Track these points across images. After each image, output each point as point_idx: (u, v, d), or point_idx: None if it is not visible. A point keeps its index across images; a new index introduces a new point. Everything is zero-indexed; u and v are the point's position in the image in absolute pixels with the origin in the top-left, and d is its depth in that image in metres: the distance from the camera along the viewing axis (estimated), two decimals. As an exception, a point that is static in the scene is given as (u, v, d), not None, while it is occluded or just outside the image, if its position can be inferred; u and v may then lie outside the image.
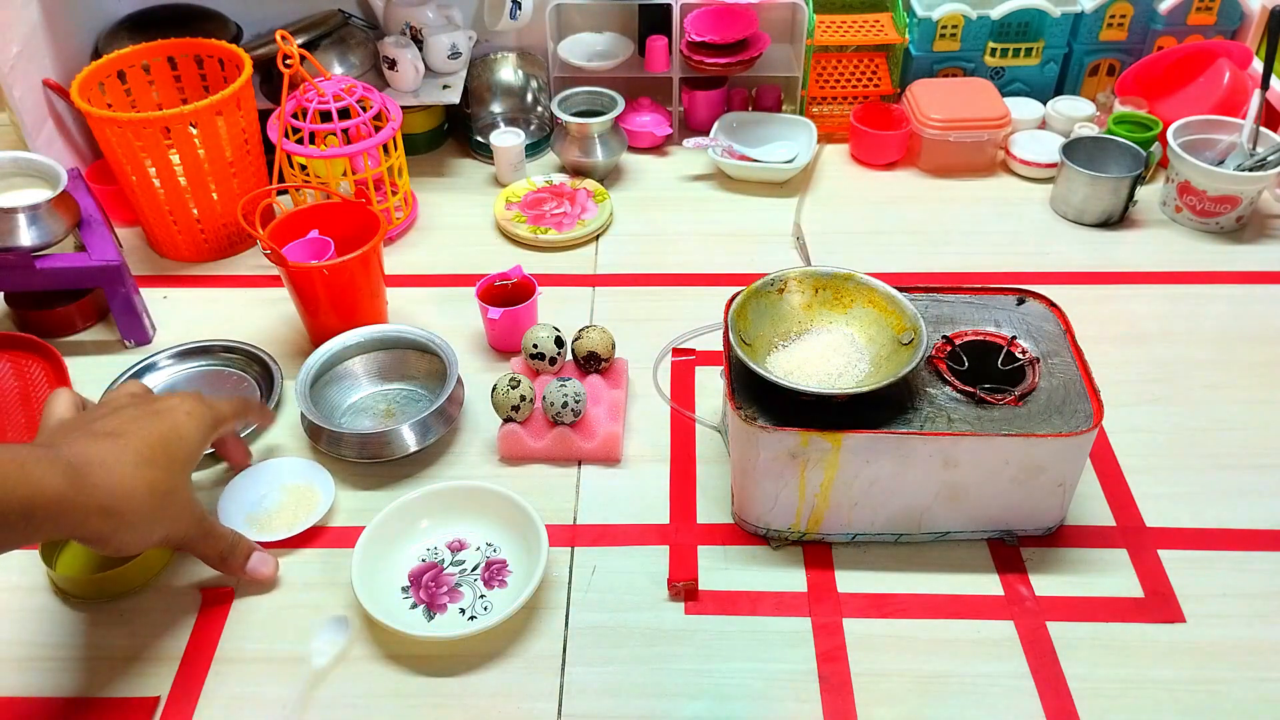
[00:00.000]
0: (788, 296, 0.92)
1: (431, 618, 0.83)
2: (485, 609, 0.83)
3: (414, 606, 0.84)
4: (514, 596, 0.83)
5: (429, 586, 0.86)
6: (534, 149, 1.45)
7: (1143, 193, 1.29)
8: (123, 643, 0.83)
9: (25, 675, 0.81)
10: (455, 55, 1.40)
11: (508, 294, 1.11)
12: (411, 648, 0.82)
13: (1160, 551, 0.89)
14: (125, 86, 1.27)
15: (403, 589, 0.86)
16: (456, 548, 0.89)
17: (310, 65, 1.19)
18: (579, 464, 0.98)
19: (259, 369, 1.08)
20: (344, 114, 1.22)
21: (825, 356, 0.88)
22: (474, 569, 0.86)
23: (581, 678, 0.80)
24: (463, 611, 0.83)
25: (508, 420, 0.97)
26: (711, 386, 1.06)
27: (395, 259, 1.26)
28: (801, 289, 0.92)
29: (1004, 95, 1.42)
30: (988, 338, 0.90)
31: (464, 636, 0.80)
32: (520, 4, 1.39)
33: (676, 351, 1.10)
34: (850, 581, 0.86)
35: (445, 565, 0.87)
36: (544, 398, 0.97)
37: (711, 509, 0.93)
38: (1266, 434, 1.00)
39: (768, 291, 0.91)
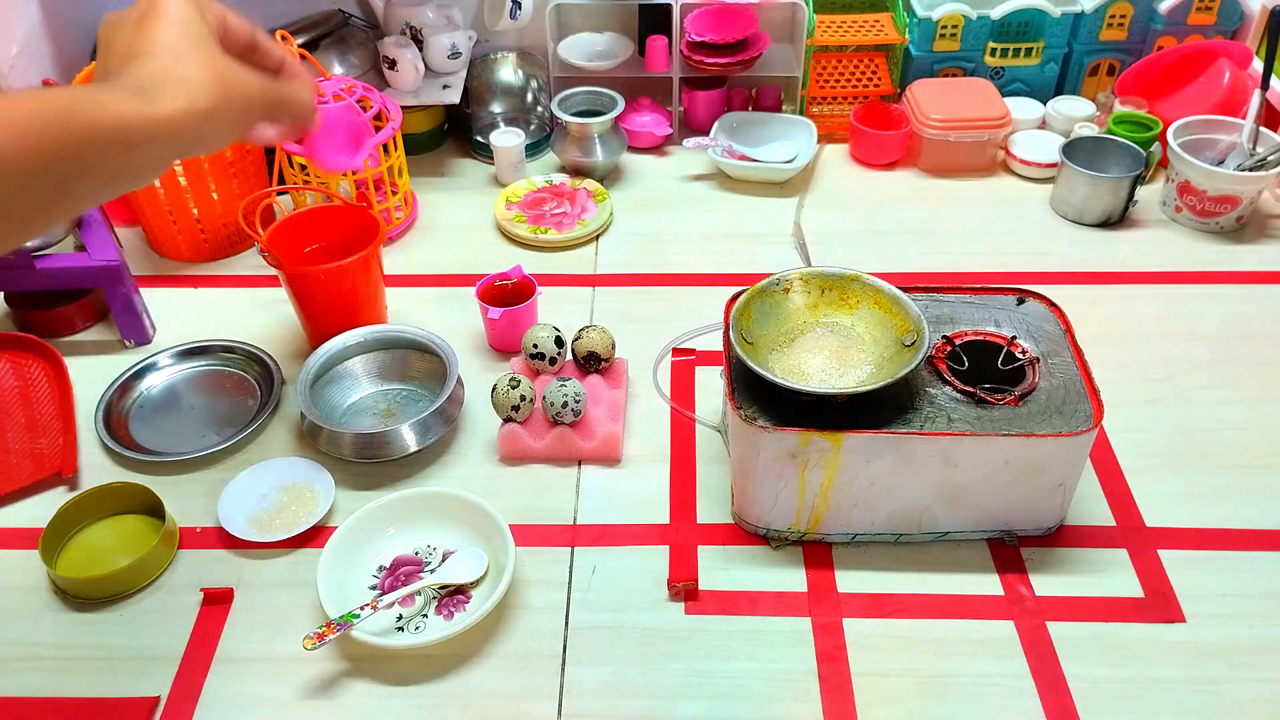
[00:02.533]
0: (793, 296, 0.92)
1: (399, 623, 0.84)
2: (418, 628, 0.83)
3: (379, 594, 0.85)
4: (477, 606, 0.84)
5: (395, 587, 0.86)
6: (534, 149, 1.45)
7: (1143, 193, 1.29)
8: (123, 643, 0.83)
9: (25, 675, 0.81)
10: (455, 55, 1.40)
11: (508, 294, 1.11)
12: (410, 647, 0.81)
13: (1160, 551, 0.89)
14: (125, 86, 1.27)
15: (370, 587, 0.86)
16: (417, 561, 0.89)
17: (310, 65, 1.19)
18: (579, 464, 0.98)
19: (259, 369, 1.08)
20: (344, 114, 1.22)
21: (828, 357, 0.88)
22: (434, 588, 0.86)
23: (581, 678, 0.80)
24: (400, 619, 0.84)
25: (508, 420, 0.97)
26: (711, 386, 1.06)
27: (395, 259, 1.25)
28: (807, 289, 0.92)
29: (1004, 95, 1.42)
30: (988, 338, 0.90)
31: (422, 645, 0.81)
32: (520, 4, 1.39)
33: (676, 351, 1.10)
34: (850, 581, 0.86)
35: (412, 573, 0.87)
36: (544, 398, 0.97)
37: (711, 509, 0.93)
38: (1266, 434, 1.00)
39: (772, 291, 0.91)
